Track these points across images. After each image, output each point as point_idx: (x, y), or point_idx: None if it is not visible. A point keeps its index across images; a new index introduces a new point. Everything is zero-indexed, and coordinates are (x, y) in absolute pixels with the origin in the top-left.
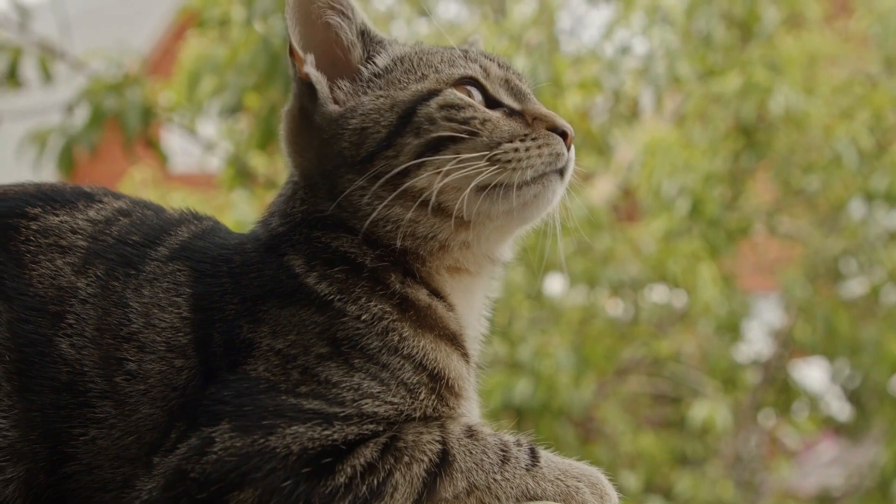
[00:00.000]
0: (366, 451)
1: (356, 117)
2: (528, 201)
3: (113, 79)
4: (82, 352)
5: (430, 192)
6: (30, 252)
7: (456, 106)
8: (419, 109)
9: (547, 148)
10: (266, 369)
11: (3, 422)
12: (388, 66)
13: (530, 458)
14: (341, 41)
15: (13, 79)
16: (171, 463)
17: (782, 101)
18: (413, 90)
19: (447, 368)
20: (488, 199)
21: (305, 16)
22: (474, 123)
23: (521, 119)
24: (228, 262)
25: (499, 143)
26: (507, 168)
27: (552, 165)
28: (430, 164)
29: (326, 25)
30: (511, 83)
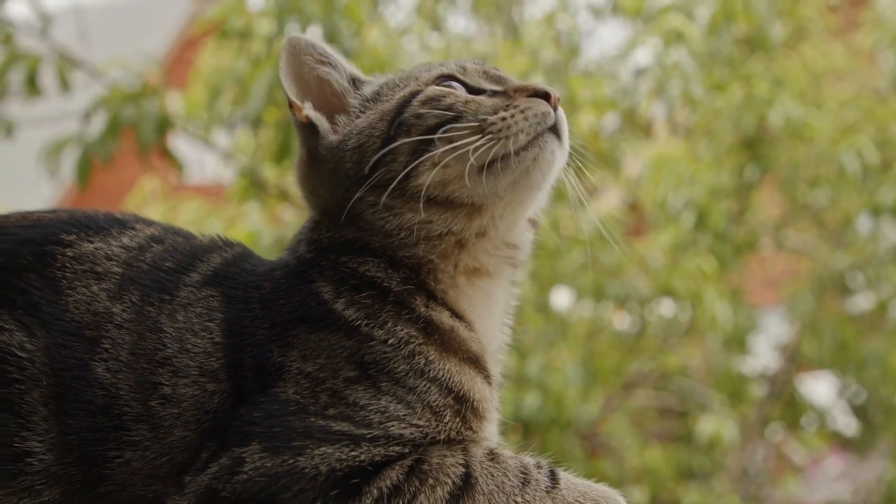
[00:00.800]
0: (391, 473)
1: (353, 137)
2: (529, 166)
3: (130, 88)
4: (118, 376)
5: (434, 186)
6: (66, 278)
7: (437, 97)
8: (405, 111)
9: (531, 110)
10: (296, 392)
11: (40, 446)
12: (376, 92)
13: (550, 480)
14: (334, 88)
15: (32, 86)
16: (203, 482)
17: (782, 112)
18: (397, 97)
19: (472, 391)
20: (491, 175)
21: (297, 72)
22: (457, 107)
23: (503, 95)
24: (259, 288)
25: (485, 118)
26: (499, 138)
27: (542, 125)
28: (428, 160)
29: (318, 78)
30: (489, 73)
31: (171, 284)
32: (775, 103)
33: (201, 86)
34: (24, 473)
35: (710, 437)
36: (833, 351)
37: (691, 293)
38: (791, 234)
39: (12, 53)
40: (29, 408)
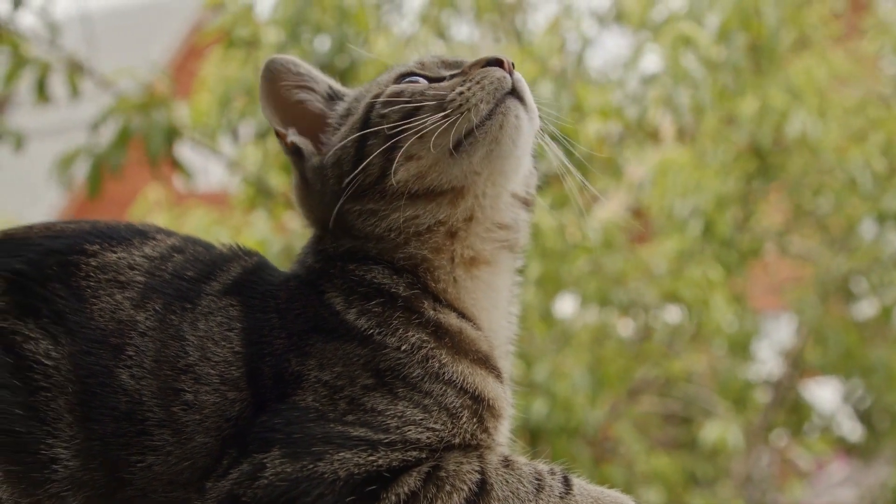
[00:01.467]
0: (409, 479)
1: (332, 153)
2: (497, 134)
3: (138, 98)
4: (141, 382)
5: (412, 180)
6: (90, 287)
7: (397, 93)
8: (371, 115)
9: (486, 79)
10: (314, 399)
11: (65, 452)
12: (347, 107)
13: (564, 485)
14: (313, 110)
15: (42, 93)
16: (224, 487)
17: (799, 125)
18: (363, 105)
19: (486, 390)
20: (463, 154)
21: (278, 99)
22: (417, 97)
23: (461, 76)
24: (275, 297)
25: (444, 95)
26: (461, 112)
27: (499, 91)
28: (401, 156)
29: (299, 101)
30: (447, 61)
31: (192, 293)
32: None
33: (207, 94)
34: (51, 480)
35: (714, 443)
36: (838, 356)
37: (697, 300)
38: (795, 240)
39: (22, 57)
40: (55, 415)
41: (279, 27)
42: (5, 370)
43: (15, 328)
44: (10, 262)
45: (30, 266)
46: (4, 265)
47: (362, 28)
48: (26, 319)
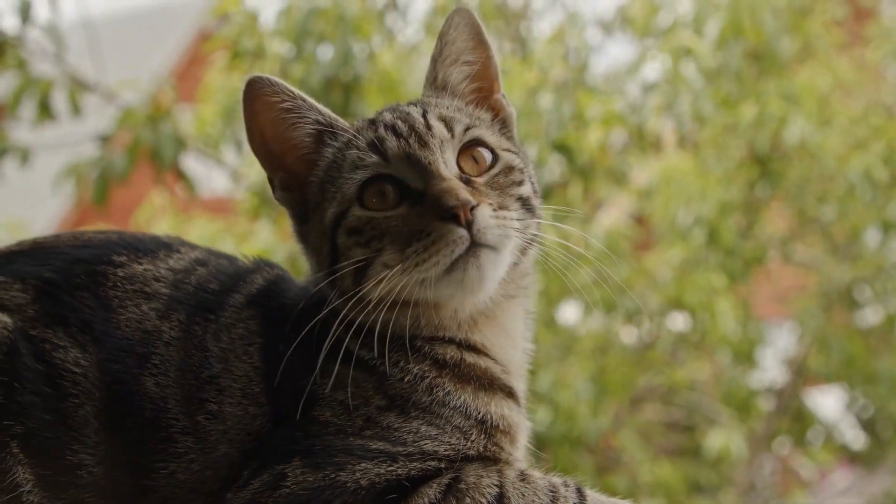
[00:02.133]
0: (429, 490)
1: (310, 245)
2: (459, 284)
3: (144, 110)
4: (166, 390)
5: (385, 296)
6: (117, 297)
7: (357, 230)
8: (337, 239)
9: (440, 242)
10: (332, 415)
11: (90, 458)
12: (323, 178)
13: (578, 497)
14: (302, 150)
15: (45, 111)
16: (245, 497)
17: (797, 132)
18: (329, 215)
19: (489, 413)
20: (430, 287)
21: (262, 136)
22: (374, 244)
23: (422, 206)
24: (292, 314)
25: (402, 249)
26: (419, 270)
27: (451, 255)
28: (368, 278)
29: (286, 139)
30: (412, 157)
31: (215, 305)
32: (789, 122)
33: (212, 104)
34: (75, 486)
35: (718, 451)
36: (841, 365)
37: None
38: (798, 248)
39: (27, 80)
40: (82, 421)
41: (284, 38)
42: (37, 378)
43: (44, 336)
44: (40, 270)
45: (58, 275)
46: (34, 273)
47: (365, 38)
48: (55, 328)
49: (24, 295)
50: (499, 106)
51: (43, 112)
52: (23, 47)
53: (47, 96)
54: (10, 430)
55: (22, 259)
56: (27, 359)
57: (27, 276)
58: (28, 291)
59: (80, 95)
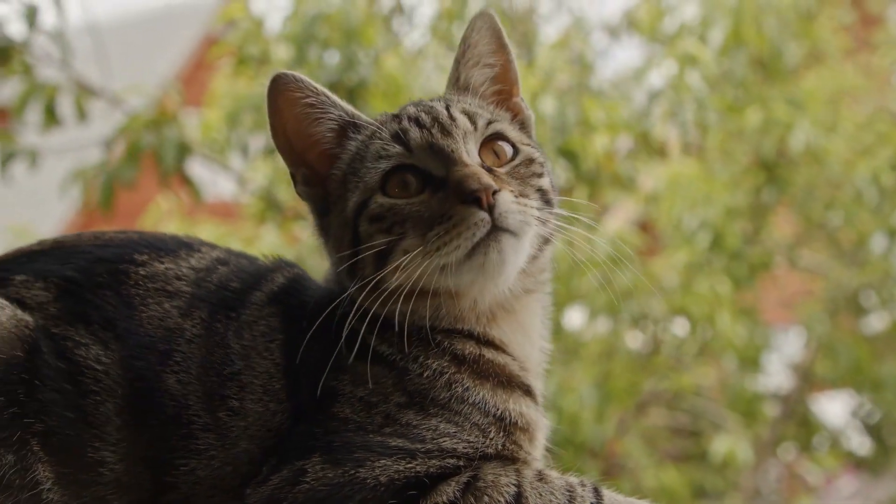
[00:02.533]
0: (448, 488)
1: (331, 238)
2: (480, 267)
3: (149, 114)
4: (188, 387)
5: (404, 285)
6: (139, 295)
7: (379, 217)
8: (360, 227)
9: (462, 225)
10: (352, 412)
11: (112, 455)
12: (346, 171)
13: (594, 497)
14: (325, 147)
15: (51, 116)
16: (265, 493)
17: (802, 137)
18: (352, 205)
19: (507, 410)
20: (450, 274)
21: (286, 132)
22: (397, 230)
23: (444, 193)
24: (312, 310)
25: (423, 234)
26: (441, 254)
27: (473, 238)
28: (390, 262)
29: (308, 135)
30: (435, 146)
31: (236, 303)
32: (795, 128)
33: (217, 110)
34: (97, 483)
35: (724, 457)
36: (847, 370)
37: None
38: (805, 254)
39: (32, 85)
40: (103, 418)
41: (289, 44)
42: (58, 375)
43: (66, 334)
44: (62, 269)
45: (80, 273)
46: (56, 272)
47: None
48: (77, 325)
49: (46, 293)
50: (518, 108)
51: (49, 117)
52: (29, 53)
53: (53, 102)
54: (30, 427)
55: (44, 258)
56: (48, 357)
57: (49, 275)
58: (50, 290)
59: (86, 101)
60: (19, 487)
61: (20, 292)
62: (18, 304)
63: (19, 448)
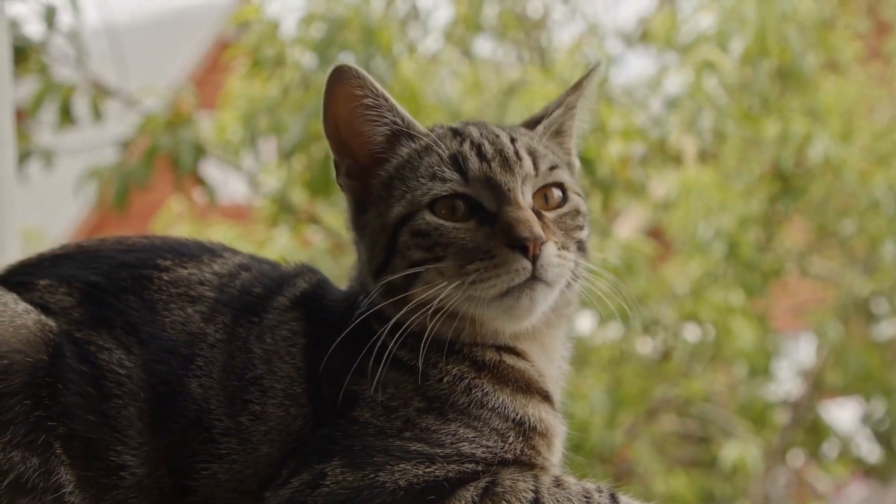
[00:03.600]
0: (466, 494)
1: (365, 236)
2: (508, 310)
3: (164, 116)
4: (209, 391)
5: (429, 303)
6: (162, 300)
7: (423, 233)
8: (399, 236)
9: (502, 268)
10: (372, 416)
11: (133, 459)
12: (391, 175)
13: (611, 502)
14: (375, 147)
15: (66, 116)
16: (285, 495)
17: (821, 149)
18: (395, 213)
19: (526, 415)
20: (478, 305)
21: (338, 122)
22: (437, 251)
23: (491, 228)
24: (335, 314)
25: (463, 263)
26: (473, 288)
27: (510, 282)
28: (420, 280)
29: (361, 133)
30: (493, 180)
31: (259, 308)
32: (814, 139)
33: (232, 111)
34: (118, 487)
35: (733, 463)
36: (858, 377)
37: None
38: (815, 261)
39: (48, 84)
40: (126, 422)
41: (305, 46)
42: (81, 379)
43: (89, 338)
44: (86, 273)
45: (104, 278)
46: (80, 277)
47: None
48: (100, 330)
49: (69, 298)
50: (571, 152)
51: (64, 117)
52: (45, 53)
53: (68, 101)
54: (53, 430)
55: (67, 263)
56: (71, 361)
57: (73, 280)
58: (73, 294)
59: (102, 101)
60: (42, 490)
61: (44, 297)
62: (42, 308)
63: (43, 451)
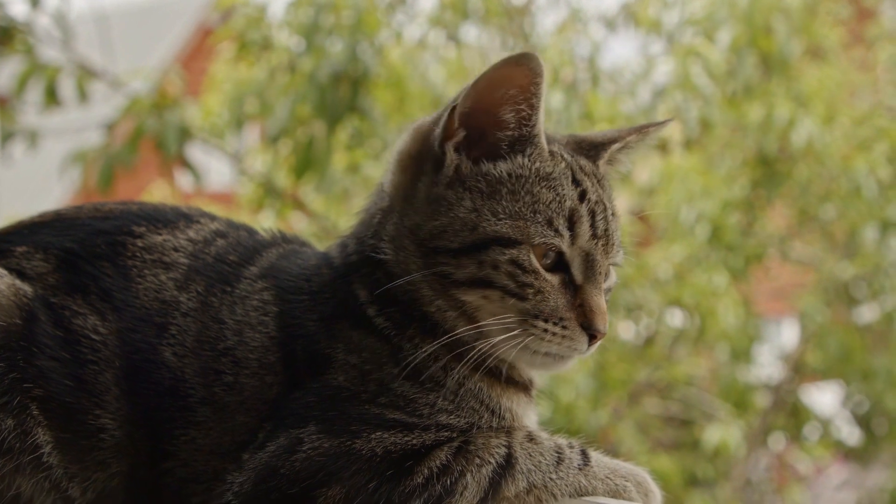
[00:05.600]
0: (440, 453)
1: (445, 215)
2: (541, 365)
3: (150, 98)
4: (184, 360)
5: (472, 313)
6: (136, 267)
7: (522, 268)
8: (492, 250)
9: (569, 342)
10: (346, 379)
11: (112, 422)
12: (502, 177)
13: (582, 458)
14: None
15: (51, 97)
16: (262, 459)
17: (805, 134)
18: (497, 228)
19: (500, 406)
20: (523, 351)
21: (484, 98)
22: (527, 291)
23: (572, 295)
24: (308, 281)
25: (537, 315)
26: (530, 337)
27: (564, 354)
28: (478, 292)
29: (497, 121)
30: (591, 258)
31: (232, 277)
32: (798, 124)
33: (218, 95)
34: (97, 448)
35: (716, 446)
36: (838, 361)
37: (702, 306)
38: (797, 246)
39: (34, 64)
40: (102, 387)
41: (292, 30)
42: (56, 344)
43: (64, 303)
44: (61, 240)
45: (79, 245)
46: (56, 244)
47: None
48: (75, 296)
49: (45, 264)
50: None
51: (49, 98)
52: (31, 33)
53: (54, 82)
54: (29, 392)
55: (44, 230)
56: (46, 325)
57: (49, 247)
58: (49, 261)
59: (87, 83)
60: (20, 451)
61: (21, 263)
62: (18, 274)
63: (19, 412)
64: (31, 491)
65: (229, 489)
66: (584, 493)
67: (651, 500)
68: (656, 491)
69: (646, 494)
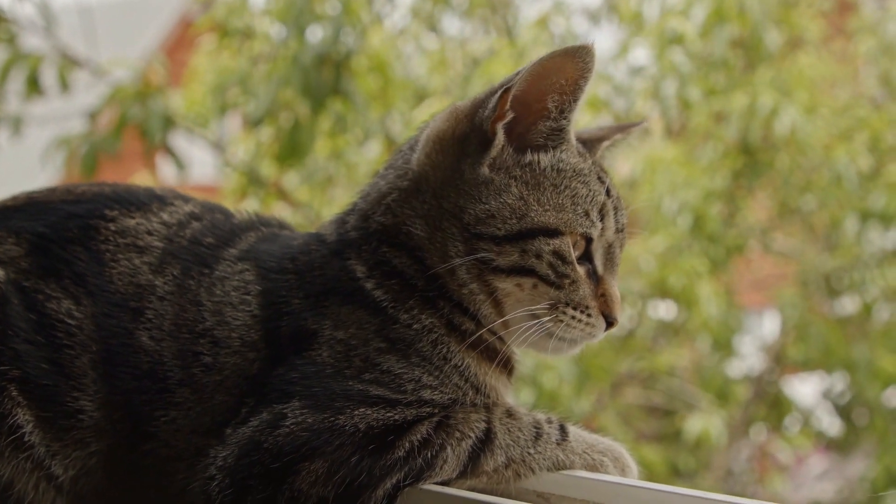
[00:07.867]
0: (421, 427)
1: (492, 201)
2: (555, 347)
3: (134, 86)
4: (161, 343)
5: (501, 299)
6: (109, 251)
7: (563, 258)
8: (536, 240)
9: (591, 329)
10: (330, 355)
11: (90, 404)
12: (545, 169)
13: (560, 433)
14: (536, 123)
15: (34, 86)
16: (245, 434)
17: (788, 122)
18: (544, 219)
19: (486, 385)
20: (544, 336)
21: (534, 85)
22: (564, 281)
23: (595, 286)
24: (294, 260)
25: (567, 303)
26: (558, 323)
27: (586, 339)
28: (514, 279)
29: (541, 109)
30: (611, 250)
31: (210, 259)
32: (781, 113)
33: (199, 84)
34: (77, 428)
35: (698, 436)
36: (819, 352)
37: (685, 292)
38: (778, 238)
39: (16, 53)
40: (80, 371)
41: (274, 17)
42: (30, 327)
43: (37, 287)
44: (34, 224)
45: (51, 229)
46: (28, 228)
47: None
48: (48, 280)
49: (18, 248)
50: None
51: (32, 87)
52: (13, 22)
53: (36, 71)
54: (6, 374)
55: (17, 214)
56: (19, 308)
57: (21, 231)
58: (22, 245)
59: (70, 71)
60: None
61: None
62: None
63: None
64: (10, 474)
65: (213, 463)
66: (561, 468)
67: (628, 474)
68: (633, 465)
69: (623, 469)
